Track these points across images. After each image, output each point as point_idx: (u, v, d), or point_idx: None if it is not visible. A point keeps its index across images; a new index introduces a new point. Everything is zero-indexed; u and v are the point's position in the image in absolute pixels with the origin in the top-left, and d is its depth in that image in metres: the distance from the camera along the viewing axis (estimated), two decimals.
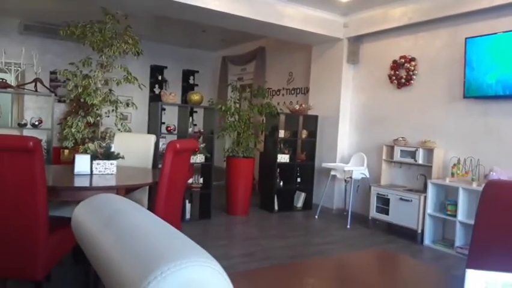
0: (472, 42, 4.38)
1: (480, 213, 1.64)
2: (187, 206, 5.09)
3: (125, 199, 0.89)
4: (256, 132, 5.96)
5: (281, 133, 5.85)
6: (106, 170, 3.21)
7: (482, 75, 4.30)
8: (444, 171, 4.69)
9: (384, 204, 4.97)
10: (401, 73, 5.31)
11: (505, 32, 4.11)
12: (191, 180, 5.07)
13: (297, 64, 7.06)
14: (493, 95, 4.24)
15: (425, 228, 4.52)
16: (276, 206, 5.87)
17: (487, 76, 4.25)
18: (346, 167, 5.43)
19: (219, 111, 5.52)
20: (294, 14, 5.44)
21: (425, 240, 4.53)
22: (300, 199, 6.13)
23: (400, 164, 5.21)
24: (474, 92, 4.40)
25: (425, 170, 4.81)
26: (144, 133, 5.02)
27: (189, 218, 5.10)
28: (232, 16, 5.02)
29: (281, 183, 5.93)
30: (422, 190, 4.70)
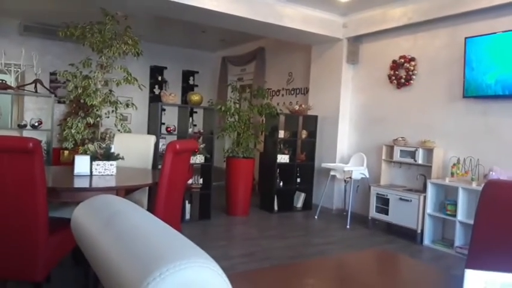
0: (472, 42, 4.38)
1: (479, 213, 1.64)
2: (187, 207, 5.09)
3: (124, 200, 0.89)
4: (256, 132, 5.96)
5: (281, 133, 5.85)
6: (106, 171, 3.21)
7: (481, 75, 4.30)
8: (444, 171, 4.69)
9: (383, 204, 4.98)
10: (401, 73, 5.32)
11: (505, 32, 4.12)
12: (191, 180, 5.07)
13: (297, 64, 7.07)
14: (493, 95, 4.24)
15: (425, 228, 4.53)
16: (276, 207, 5.87)
17: (487, 76, 4.26)
18: (346, 167, 5.43)
19: (219, 111, 5.52)
20: (294, 14, 5.45)
21: (425, 240, 4.53)
22: (300, 199, 6.13)
23: (400, 164, 5.21)
24: (473, 92, 4.41)
25: (425, 170, 4.81)
26: (144, 134, 5.02)
27: (189, 219, 5.10)
28: (231, 16, 5.02)
29: (281, 183, 5.94)
30: (422, 190, 4.71)
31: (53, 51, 7.32)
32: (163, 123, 6.03)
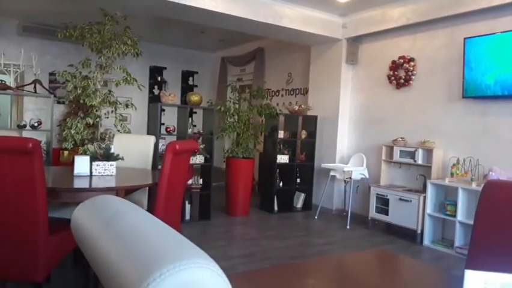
0: (471, 42, 4.39)
1: (479, 213, 1.64)
2: (187, 207, 5.09)
3: (124, 201, 0.89)
4: (255, 132, 5.96)
5: (280, 134, 5.86)
6: (106, 171, 3.21)
7: (480, 75, 4.30)
8: (443, 171, 4.69)
9: (383, 204, 4.98)
10: (400, 73, 5.32)
11: (504, 32, 4.12)
12: (190, 181, 5.07)
13: (296, 65, 7.07)
14: (492, 95, 4.24)
15: (425, 228, 4.53)
16: (276, 207, 5.87)
17: (486, 76, 4.26)
18: (345, 168, 5.43)
19: (218, 112, 5.52)
20: (293, 15, 5.45)
21: (425, 240, 4.53)
22: (300, 200, 6.13)
23: (399, 164, 5.21)
24: (473, 92, 4.41)
25: (425, 170, 4.82)
26: (144, 134, 5.02)
27: (189, 219, 5.09)
28: (230, 17, 5.02)
29: (281, 183, 5.94)
30: (422, 190, 4.71)
31: (52, 51, 7.32)
32: (163, 123, 6.03)
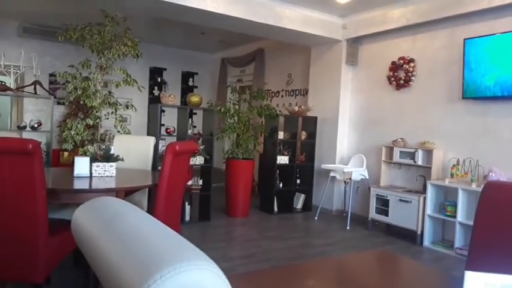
0: (471, 43, 4.39)
1: (479, 214, 1.64)
2: (187, 208, 5.09)
3: (124, 202, 0.89)
4: (255, 133, 5.96)
5: (280, 134, 5.86)
6: (106, 172, 3.21)
7: (480, 76, 4.30)
8: (443, 172, 4.69)
9: (383, 205, 4.98)
10: (400, 74, 5.32)
11: (504, 33, 4.12)
12: (190, 182, 5.07)
13: (296, 65, 7.07)
14: (492, 96, 4.24)
15: (425, 229, 4.52)
16: (276, 208, 5.87)
17: (486, 77, 4.25)
18: (345, 168, 5.43)
19: (218, 112, 5.52)
20: (293, 16, 5.45)
21: (425, 241, 4.53)
22: (300, 200, 6.13)
23: (399, 165, 5.21)
24: (473, 93, 4.41)
25: (425, 171, 4.82)
26: (143, 135, 5.02)
27: (189, 220, 5.09)
28: (230, 18, 5.03)
29: (281, 184, 5.94)
30: (422, 191, 4.71)
31: (53, 52, 7.32)
32: (163, 124, 6.03)
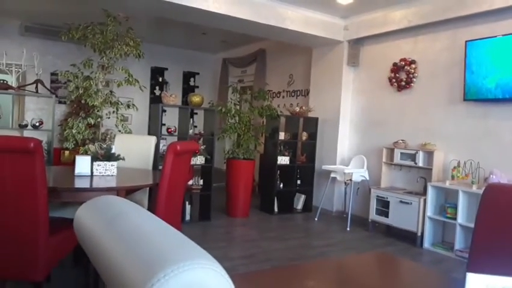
0: (472, 45, 4.39)
1: (480, 216, 1.64)
2: (187, 208, 5.09)
3: (127, 201, 0.89)
4: (256, 134, 5.96)
5: (281, 135, 5.86)
6: (107, 171, 3.21)
7: (481, 78, 4.30)
8: (444, 173, 4.69)
9: (384, 206, 4.97)
10: (401, 76, 5.32)
11: (505, 35, 4.12)
12: (191, 181, 5.07)
13: (298, 66, 7.08)
14: (493, 98, 4.24)
15: (425, 231, 4.52)
16: (276, 208, 5.87)
17: (487, 80, 4.25)
18: (346, 170, 5.43)
19: (219, 113, 5.52)
20: (295, 17, 5.45)
21: (425, 243, 4.53)
22: (300, 201, 6.13)
23: (400, 167, 5.21)
24: (474, 95, 4.40)
25: (425, 173, 4.81)
26: (145, 134, 5.03)
27: (189, 220, 5.10)
28: (232, 18, 5.03)
29: (281, 185, 5.94)
30: (422, 193, 4.70)
31: (54, 51, 7.33)
32: (164, 124, 6.04)
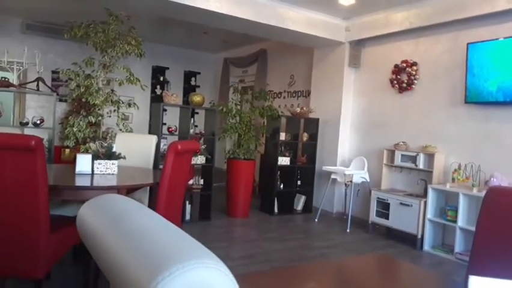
0: (474, 47, 4.38)
1: (481, 219, 1.64)
2: (187, 207, 5.09)
3: (130, 199, 0.89)
4: (257, 134, 5.97)
5: (282, 136, 5.86)
6: (107, 170, 3.21)
7: (483, 81, 4.30)
8: (444, 176, 4.69)
9: (384, 208, 4.97)
10: (403, 77, 5.32)
11: (507, 38, 4.12)
12: (191, 181, 5.07)
13: (299, 67, 7.07)
14: (494, 101, 4.24)
15: (425, 233, 4.52)
16: (276, 209, 5.87)
17: (488, 82, 4.25)
18: (346, 171, 5.43)
19: (220, 112, 5.52)
20: (296, 17, 5.45)
21: (425, 245, 4.52)
22: (300, 202, 6.13)
23: (401, 169, 5.21)
24: (475, 98, 4.40)
25: (426, 175, 4.81)
26: (145, 133, 5.03)
27: (189, 219, 5.09)
28: (233, 18, 5.03)
29: (281, 185, 5.93)
30: (423, 195, 4.70)
31: (56, 49, 7.33)
32: (165, 123, 6.02)
